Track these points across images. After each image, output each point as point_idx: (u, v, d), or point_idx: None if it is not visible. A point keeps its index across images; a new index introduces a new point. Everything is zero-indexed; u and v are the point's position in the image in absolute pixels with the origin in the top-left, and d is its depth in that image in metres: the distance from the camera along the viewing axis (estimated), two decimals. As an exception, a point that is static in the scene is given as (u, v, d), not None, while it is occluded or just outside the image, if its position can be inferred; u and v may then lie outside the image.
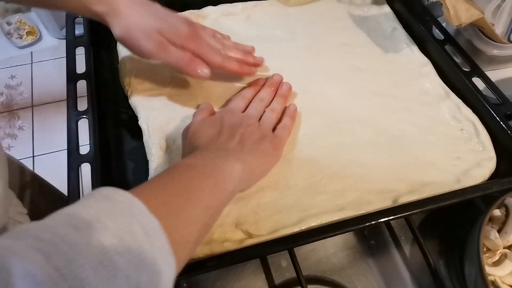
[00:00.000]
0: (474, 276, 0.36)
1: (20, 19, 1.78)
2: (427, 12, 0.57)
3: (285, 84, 0.48)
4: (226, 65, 0.46)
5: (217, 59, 0.45)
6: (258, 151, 0.39)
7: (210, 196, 0.32)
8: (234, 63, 0.47)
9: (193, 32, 0.45)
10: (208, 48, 0.45)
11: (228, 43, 0.50)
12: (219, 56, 0.46)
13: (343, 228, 0.37)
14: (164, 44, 0.42)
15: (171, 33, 0.43)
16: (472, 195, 0.40)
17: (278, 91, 0.47)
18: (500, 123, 0.45)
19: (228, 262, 0.35)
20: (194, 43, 0.44)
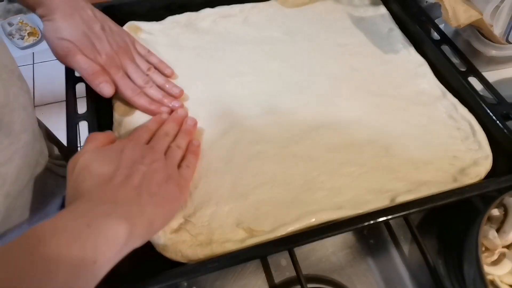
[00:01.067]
0: (473, 275, 0.36)
1: (21, 20, 1.79)
2: (423, 13, 0.57)
3: (190, 119, 0.46)
4: (135, 100, 0.46)
5: (128, 91, 0.45)
6: (161, 197, 0.34)
7: (70, 277, 0.26)
8: (144, 99, 0.46)
9: (117, 51, 0.46)
10: (121, 78, 0.45)
11: (157, 78, 0.49)
12: (130, 89, 0.45)
13: (342, 228, 0.37)
14: (72, 52, 0.43)
15: (85, 44, 0.43)
16: (470, 193, 0.40)
17: (183, 127, 0.44)
18: (496, 122, 0.46)
19: (228, 263, 0.35)
20: (113, 62, 0.45)
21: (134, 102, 0.45)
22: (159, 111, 0.46)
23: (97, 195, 0.31)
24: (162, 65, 0.51)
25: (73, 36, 0.43)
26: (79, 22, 0.44)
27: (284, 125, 0.47)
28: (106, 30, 0.46)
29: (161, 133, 0.42)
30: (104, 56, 0.44)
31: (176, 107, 0.47)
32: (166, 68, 0.51)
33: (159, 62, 0.51)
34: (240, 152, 0.44)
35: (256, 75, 0.52)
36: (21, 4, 0.45)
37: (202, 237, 0.38)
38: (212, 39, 0.56)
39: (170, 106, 0.47)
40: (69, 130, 0.42)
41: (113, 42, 0.46)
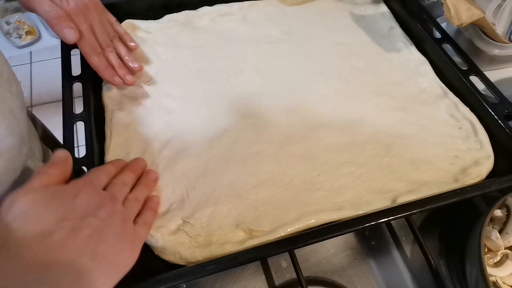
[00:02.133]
0: (475, 276, 0.36)
1: (19, 18, 1.78)
2: (424, 11, 0.57)
3: (151, 173, 0.39)
4: (92, 58, 0.45)
5: (87, 46, 0.45)
6: (108, 262, 0.28)
7: None
8: (100, 61, 0.45)
9: (87, 4, 0.45)
10: (85, 30, 0.45)
11: (118, 45, 0.48)
12: (90, 45, 0.45)
13: (343, 229, 0.37)
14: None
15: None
16: (472, 194, 0.40)
17: (143, 179, 0.38)
18: (498, 121, 0.45)
19: (227, 265, 0.35)
20: (80, 12, 0.45)
21: (91, 60, 0.45)
22: (111, 81, 0.45)
23: (27, 253, 0.25)
24: (127, 37, 0.50)
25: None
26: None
27: (283, 124, 0.47)
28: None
29: (118, 181, 0.35)
30: (72, 3, 0.44)
31: (128, 81, 0.46)
32: (131, 41, 0.50)
33: (125, 34, 0.50)
34: (238, 151, 0.44)
35: (255, 74, 0.52)
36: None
37: (200, 239, 0.37)
38: (210, 38, 0.55)
39: (124, 78, 0.46)
40: (66, 130, 0.42)
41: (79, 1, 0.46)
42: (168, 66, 0.51)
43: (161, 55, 0.52)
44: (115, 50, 0.48)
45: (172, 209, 0.39)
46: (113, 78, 0.45)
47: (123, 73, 0.46)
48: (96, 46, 0.46)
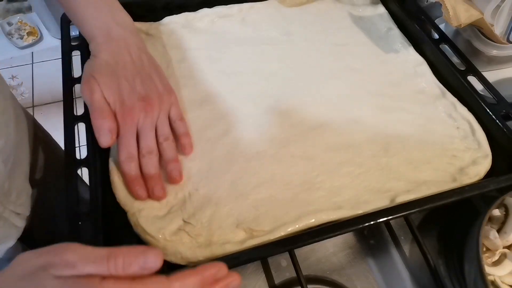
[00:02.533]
0: (473, 275, 0.36)
1: (21, 19, 1.78)
2: (422, 12, 0.57)
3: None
4: (123, 166, 0.39)
5: (123, 152, 0.39)
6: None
7: None
8: (130, 169, 0.39)
9: (142, 102, 0.40)
10: (127, 132, 0.39)
11: (166, 149, 0.41)
12: (126, 151, 0.39)
13: (343, 229, 0.37)
14: (93, 89, 0.40)
15: (109, 84, 0.40)
16: (470, 193, 0.40)
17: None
18: (495, 121, 0.46)
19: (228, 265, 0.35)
20: (126, 116, 0.40)
21: (121, 166, 0.40)
22: (135, 192, 0.39)
23: None
24: (186, 139, 0.43)
25: (102, 76, 0.40)
26: (117, 61, 0.41)
27: (282, 125, 0.47)
28: (141, 76, 0.42)
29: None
30: (124, 102, 0.40)
31: (156, 195, 0.39)
32: (188, 146, 0.43)
33: (184, 135, 0.43)
34: (240, 152, 0.44)
35: (255, 75, 0.52)
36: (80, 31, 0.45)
37: (201, 239, 0.38)
38: (210, 39, 0.56)
39: (151, 191, 0.39)
40: (66, 133, 0.42)
41: (143, 91, 0.41)
42: (168, 67, 0.52)
43: (162, 57, 0.53)
44: (161, 153, 0.41)
45: (173, 210, 0.39)
46: (135, 189, 0.39)
47: (153, 184, 0.39)
48: (132, 154, 0.39)
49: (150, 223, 0.38)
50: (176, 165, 0.41)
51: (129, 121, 0.40)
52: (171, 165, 0.41)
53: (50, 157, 0.58)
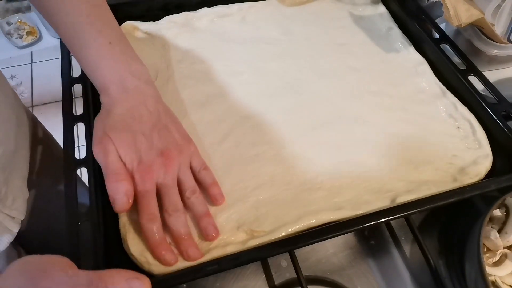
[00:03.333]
0: (474, 276, 0.36)
1: (20, 19, 1.78)
2: (423, 12, 0.57)
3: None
4: (144, 225, 0.35)
5: (144, 215, 0.35)
6: None
7: None
8: (153, 229, 0.35)
9: (161, 157, 0.37)
10: (145, 194, 0.36)
11: (195, 204, 0.38)
12: (147, 214, 0.35)
13: (343, 229, 0.37)
14: (107, 150, 0.36)
15: (125, 142, 0.37)
16: (471, 193, 0.40)
17: None
18: (496, 121, 0.46)
19: (228, 266, 0.35)
20: (145, 175, 0.36)
21: (144, 230, 0.35)
22: (162, 258, 0.35)
23: None
24: (215, 190, 0.39)
25: (117, 133, 0.37)
26: (133, 116, 0.38)
27: (283, 125, 0.47)
28: (159, 128, 0.39)
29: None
30: (141, 160, 0.37)
31: (191, 256, 0.35)
32: (219, 197, 0.39)
33: (212, 185, 0.39)
34: (240, 156, 0.44)
35: (255, 75, 0.52)
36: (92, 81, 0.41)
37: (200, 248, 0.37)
38: (209, 39, 0.55)
39: (184, 252, 0.35)
40: (66, 132, 0.42)
41: (161, 145, 0.38)
42: (168, 68, 0.51)
43: (161, 57, 0.53)
44: (189, 209, 0.38)
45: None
46: (162, 255, 0.35)
47: (187, 246, 0.35)
48: (156, 215, 0.36)
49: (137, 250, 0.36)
50: (209, 220, 0.37)
51: (149, 179, 0.36)
52: (205, 221, 0.37)
53: (49, 157, 0.58)
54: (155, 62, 0.52)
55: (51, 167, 0.57)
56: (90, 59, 0.40)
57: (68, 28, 0.40)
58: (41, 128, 0.59)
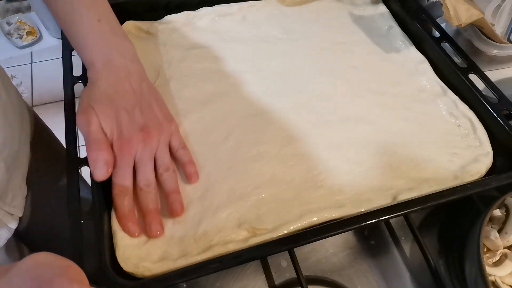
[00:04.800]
0: (474, 276, 0.36)
1: (20, 19, 1.78)
2: (423, 11, 0.57)
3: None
4: (116, 198, 0.37)
5: (116, 186, 0.37)
6: None
7: None
8: (123, 203, 0.37)
9: (140, 133, 0.38)
10: (122, 165, 0.37)
11: (169, 163, 0.40)
12: (120, 185, 0.37)
13: (344, 227, 0.37)
14: (90, 120, 0.37)
15: (107, 114, 0.38)
16: (472, 191, 0.40)
17: None
18: (497, 119, 0.46)
19: (228, 264, 0.35)
20: (123, 148, 0.38)
21: (114, 200, 0.37)
22: (127, 229, 0.36)
23: None
24: (191, 168, 0.41)
25: (100, 105, 0.38)
26: (116, 91, 0.40)
27: (284, 123, 0.47)
28: (141, 105, 0.40)
29: None
30: (122, 133, 0.38)
31: (153, 231, 0.37)
32: (194, 175, 0.41)
33: (188, 163, 0.41)
34: (241, 155, 0.44)
35: (255, 74, 0.52)
36: (80, 57, 0.43)
37: (198, 249, 0.37)
38: (210, 38, 0.55)
39: (148, 227, 0.37)
40: (68, 131, 0.42)
41: (142, 121, 0.39)
42: (169, 67, 0.52)
43: (163, 56, 0.53)
44: (161, 185, 0.39)
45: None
46: (127, 226, 0.36)
47: (150, 220, 0.37)
48: (126, 187, 0.37)
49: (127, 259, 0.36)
50: (177, 196, 0.39)
51: (126, 153, 0.38)
52: (172, 197, 0.38)
53: (50, 154, 0.58)
54: (156, 61, 0.52)
55: (53, 164, 0.58)
56: (79, 35, 0.42)
57: (59, 5, 0.42)
58: (42, 126, 0.60)
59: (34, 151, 0.53)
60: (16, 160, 0.46)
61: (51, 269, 0.25)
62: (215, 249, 0.36)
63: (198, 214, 0.39)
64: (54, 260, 0.26)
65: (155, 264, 0.35)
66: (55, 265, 0.25)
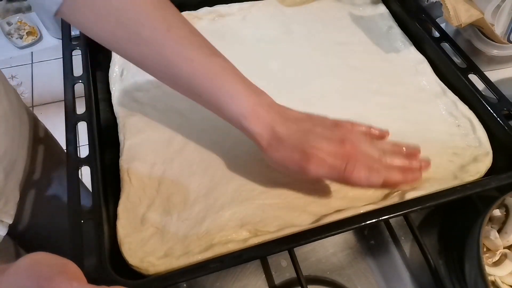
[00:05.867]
0: (474, 276, 0.36)
1: (20, 19, 1.78)
2: (423, 11, 0.57)
3: None
4: (389, 180, 0.36)
5: (374, 178, 0.36)
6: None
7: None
8: (397, 174, 0.37)
9: (342, 137, 0.37)
10: (362, 158, 0.36)
11: (387, 146, 0.40)
12: (375, 173, 0.36)
13: (343, 227, 0.37)
14: (313, 156, 0.35)
15: (318, 142, 0.36)
16: (471, 191, 0.40)
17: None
18: (496, 119, 0.46)
19: (228, 264, 0.35)
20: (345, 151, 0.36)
21: (388, 183, 0.37)
22: (415, 179, 0.38)
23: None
24: (406, 145, 0.41)
25: (296, 145, 0.36)
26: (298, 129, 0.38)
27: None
28: (321, 126, 0.39)
29: None
30: (333, 144, 0.36)
31: (428, 162, 0.39)
32: (414, 147, 0.41)
33: (397, 145, 0.41)
34: (245, 157, 0.43)
35: (255, 74, 0.52)
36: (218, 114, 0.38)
37: (200, 247, 0.37)
38: (210, 38, 0.55)
39: (421, 165, 0.39)
40: (68, 131, 0.42)
41: (332, 136, 0.37)
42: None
43: (162, 56, 0.53)
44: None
45: (156, 239, 0.37)
46: (405, 177, 0.37)
47: (416, 165, 0.39)
48: (372, 166, 0.36)
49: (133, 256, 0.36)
50: (414, 157, 0.40)
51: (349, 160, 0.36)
52: (412, 159, 0.40)
53: (50, 157, 0.58)
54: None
55: (52, 166, 0.58)
56: (224, 85, 0.38)
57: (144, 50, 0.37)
58: (42, 128, 0.60)
59: (32, 154, 0.52)
60: (13, 167, 0.46)
61: (49, 267, 0.25)
62: (215, 248, 0.36)
63: (202, 211, 0.39)
64: (52, 258, 0.26)
65: (159, 260, 0.35)
66: (53, 263, 0.25)
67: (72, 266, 0.26)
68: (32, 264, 0.25)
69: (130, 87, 0.49)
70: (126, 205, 0.39)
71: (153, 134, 0.45)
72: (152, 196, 0.40)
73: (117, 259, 0.36)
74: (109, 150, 0.44)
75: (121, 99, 0.48)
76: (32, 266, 0.25)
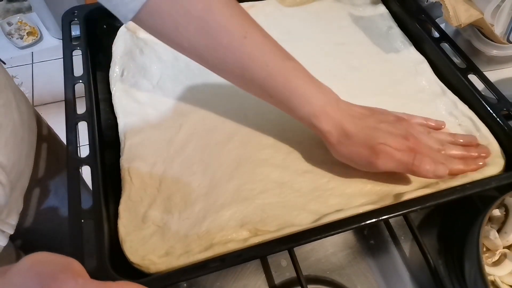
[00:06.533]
0: (473, 275, 0.36)
1: (20, 19, 1.78)
2: (423, 11, 0.57)
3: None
4: (453, 170, 0.40)
5: (440, 171, 0.38)
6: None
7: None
8: (459, 164, 0.40)
9: (405, 132, 0.40)
10: (425, 151, 0.39)
11: (444, 137, 0.42)
12: (440, 165, 0.38)
13: (343, 227, 0.37)
14: (383, 152, 0.38)
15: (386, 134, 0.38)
16: (471, 191, 0.40)
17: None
18: (496, 119, 0.46)
19: (229, 264, 0.35)
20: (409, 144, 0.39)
21: (452, 172, 0.40)
22: (478, 167, 0.41)
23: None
24: (461, 136, 0.44)
25: (364, 141, 0.38)
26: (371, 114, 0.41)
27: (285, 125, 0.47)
28: (385, 122, 0.41)
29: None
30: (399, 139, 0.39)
31: (487, 151, 0.42)
32: (469, 138, 0.44)
33: (453, 134, 0.44)
34: (247, 157, 0.44)
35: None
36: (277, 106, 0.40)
37: (200, 247, 0.37)
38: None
39: (480, 153, 0.42)
40: (69, 131, 0.42)
41: (396, 131, 0.40)
42: (170, 67, 0.52)
43: (162, 56, 0.53)
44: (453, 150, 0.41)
45: (157, 232, 0.38)
46: (467, 165, 0.41)
47: (475, 154, 0.42)
48: (434, 159, 0.39)
49: (134, 252, 0.37)
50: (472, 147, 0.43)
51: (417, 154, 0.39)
52: (470, 149, 0.43)
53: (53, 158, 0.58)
54: (157, 61, 0.52)
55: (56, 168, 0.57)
56: (297, 86, 0.39)
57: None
58: (46, 128, 0.59)
59: (37, 161, 0.52)
60: (20, 178, 0.46)
61: (53, 265, 0.25)
62: (216, 248, 0.36)
63: (202, 211, 0.39)
64: (55, 257, 0.25)
65: (160, 259, 0.36)
66: (56, 261, 0.25)
67: (76, 264, 0.26)
68: (34, 263, 0.25)
69: (131, 87, 0.49)
70: (128, 204, 0.39)
71: (154, 134, 0.45)
72: (153, 195, 0.40)
73: (117, 259, 0.36)
74: (109, 150, 0.45)
75: (122, 99, 0.48)
76: (35, 265, 0.24)
